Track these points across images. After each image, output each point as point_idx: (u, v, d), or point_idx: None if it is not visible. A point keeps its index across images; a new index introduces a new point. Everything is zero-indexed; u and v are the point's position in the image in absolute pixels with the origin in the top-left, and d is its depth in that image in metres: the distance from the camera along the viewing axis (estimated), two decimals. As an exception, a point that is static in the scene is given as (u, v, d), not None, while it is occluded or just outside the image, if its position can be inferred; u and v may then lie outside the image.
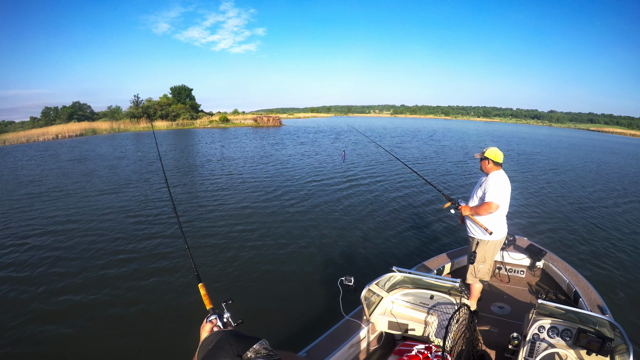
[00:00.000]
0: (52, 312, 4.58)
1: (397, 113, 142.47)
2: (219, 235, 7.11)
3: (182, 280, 5.30)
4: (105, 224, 7.78)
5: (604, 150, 30.46)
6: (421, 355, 2.33)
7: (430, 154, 20.44)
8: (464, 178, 13.29)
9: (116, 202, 9.57)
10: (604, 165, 19.54)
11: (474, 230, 3.52)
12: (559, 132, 68.73)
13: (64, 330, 4.22)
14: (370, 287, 2.78)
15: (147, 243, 6.70)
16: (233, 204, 9.32)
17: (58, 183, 12.35)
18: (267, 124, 47.21)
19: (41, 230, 7.52)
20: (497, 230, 3.44)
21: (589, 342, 2.36)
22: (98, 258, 6.10)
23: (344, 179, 12.49)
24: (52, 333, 4.16)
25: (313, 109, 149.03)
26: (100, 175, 13.54)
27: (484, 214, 3.35)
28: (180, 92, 56.47)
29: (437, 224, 7.93)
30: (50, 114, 56.27)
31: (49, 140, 32.40)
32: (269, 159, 17.41)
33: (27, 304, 4.75)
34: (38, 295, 4.97)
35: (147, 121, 45.94)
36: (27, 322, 4.37)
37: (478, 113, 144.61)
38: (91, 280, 5.36)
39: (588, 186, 12.86)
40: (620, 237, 7.46)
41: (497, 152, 3.44)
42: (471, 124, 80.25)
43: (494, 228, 3.40)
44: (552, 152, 25.28)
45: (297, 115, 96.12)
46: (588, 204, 10.15)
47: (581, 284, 3.65)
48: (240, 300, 4.77)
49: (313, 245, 6.64)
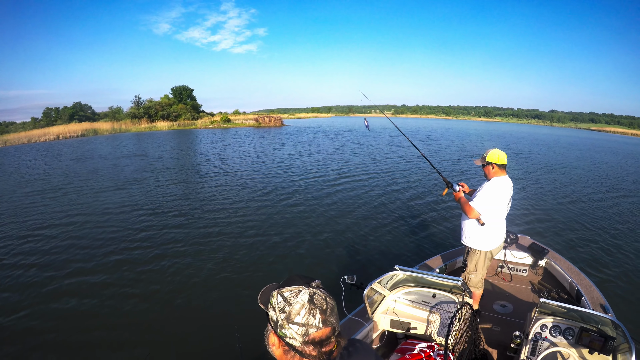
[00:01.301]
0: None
1: (398, 113, 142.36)
2: (222, 233, 7.19)
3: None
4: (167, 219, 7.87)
5: (602, 149, 30.39)
6: (423, 354, 2.33)
7: (427, 152, 20.49)
8: (459, 176, 13.33)
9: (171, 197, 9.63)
10: (603, 164, 19.54)
11: (465, 238, 3.38)
12: (559, 131, 68.77)
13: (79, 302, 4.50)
14: (373, 285, 2.78)
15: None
16: (236, 204, 9.41)
17: (87, 184, 12.39)
18: (268, 124, 47.24)
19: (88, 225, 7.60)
20: (490, 240, 3.26)
21: (591, 341, 2.36)
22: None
23: (345, 178, 12.57)
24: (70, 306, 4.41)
25: (314, 109, 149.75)
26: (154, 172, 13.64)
27: (465, 214, 3.21)
28: (182, 92, 56.62)
29: (440, 223, 7.95)
30: (52, 114, 56.43)
31: (50, 140, 32.54)
32: (277, 158, 17.60)
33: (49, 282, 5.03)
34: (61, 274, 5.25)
35: (148, 121, 46.06)
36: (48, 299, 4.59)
37: (479, 113, 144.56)
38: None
39: (589, 185, 12.88)
40: (623, 236, 7.47)
41: (500, 154, 3.17)
42: (471, 124, 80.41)
43: (487, 237, 3.24)
44: (549, 151, 25.33)
45: (298, 115, 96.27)
46: (589, 203, 10.14)
47: (584, 282, 3.64)
48: (244, 297, 4.87)
49: (315, 244, 6.66)
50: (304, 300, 0.95)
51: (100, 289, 5.13)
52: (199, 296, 4.94)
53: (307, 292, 0.97)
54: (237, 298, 4.88)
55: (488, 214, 3.15)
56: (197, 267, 5.76)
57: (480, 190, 3.20)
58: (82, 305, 4.73)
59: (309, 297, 0.96)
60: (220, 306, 4.71)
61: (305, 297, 0.96)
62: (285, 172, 13.72)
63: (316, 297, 0.97)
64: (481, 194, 3.15)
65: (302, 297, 0.96)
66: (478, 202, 3.13)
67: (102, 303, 4.79)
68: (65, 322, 4.41)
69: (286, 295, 0.97)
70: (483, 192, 3.15)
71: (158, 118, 48.04)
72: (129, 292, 5.06)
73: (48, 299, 4.92)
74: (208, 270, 5.66)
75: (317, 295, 0.97)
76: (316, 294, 0.98)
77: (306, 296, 0.96)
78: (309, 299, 0.96)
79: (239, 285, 5.20)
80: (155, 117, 48.00)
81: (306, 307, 0.95)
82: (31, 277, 5.52)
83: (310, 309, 0.95)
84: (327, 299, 0.99)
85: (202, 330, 4.21)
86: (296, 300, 0.96)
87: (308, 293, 0.97)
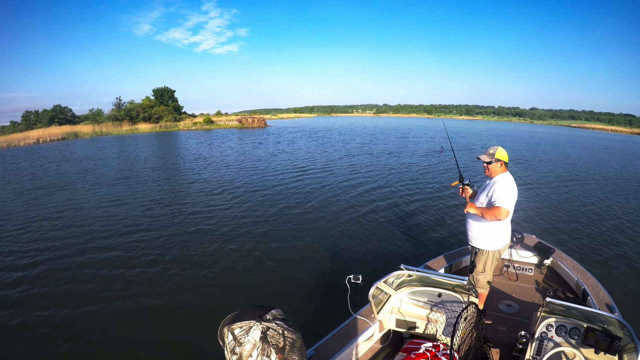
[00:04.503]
0: None
1: (380, 112, 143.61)
2: (225, 233, 7.38)
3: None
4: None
5: (575, 145, 30.92)
6: (429, 354, 2.32)
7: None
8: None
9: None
10: (575, 159, 20.24)
11: (474, 239, 3.35)
12: (539, 128, 68.54)
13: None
14: (378, 285, 2.77)
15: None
16: (240, 202, 9.68)
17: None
18: (252, 124, 47.08)
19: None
20: (499, 239, 3.25)
21: (597, 341, 2.32)
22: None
23: (348, 178, 12.74)
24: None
25: (296, 109, 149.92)
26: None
27: (490, 218, 3.09)
28: (163, 93, 56.50)
29: (446, 222, 8.00)
30: (31, 117, 55.68)
31: (31, 144, 32.09)
32: (269, 157, 18.13)
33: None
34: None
35: (129, 124, 46.14)
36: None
37: (460, 111, 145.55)
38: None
39: (589, 184, 12.86)
40: (629, 234, 7.53)
41: (505, 152, 3.22)
42: (453, 122, 79.72)
43: (496, 236, 3.23)
44: (554, 150, 25.54)
45: (280, 115, 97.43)
46: (591, 202, 10.23)
47: (590, 282, 3.58)
48: (248, 298, 4.96)
49: (321, 244, 6.75)
50: (255, 339, 0.85)
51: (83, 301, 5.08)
52: (200, 300, 4.92)
53: (259, 329, 0.86)
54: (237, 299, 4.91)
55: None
56: (205, 276, 5.63)
57: (496, 188, 3.12)
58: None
59: (261, 335, 0.86)
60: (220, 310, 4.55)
61: (257, 335, 0.85)
62: (278, 175, 13.67)
63: (270, 334, 0.86)
64: (501, 191, 3.07)
65: (253, 334, 0.85)
66: (505, 200, 3.04)
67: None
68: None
69: (236, 333, 0.86)
70: (503, 189, 3.08)
71: (140, 120, 48.14)
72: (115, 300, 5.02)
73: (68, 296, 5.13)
74: (219, 273, 5.68)
75: (271, 331, 0.87)
76: (270, 329, 0.87)
77: (258, 333, 0.86)
78: (262, 336, 0.85)
79: (242, 288, 5.25)
80: (136, 119, 48.11)
81: (258, 347, 0.84)
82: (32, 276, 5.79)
83: (264, 349, 0.84)
84: (286, 333, 0.88)
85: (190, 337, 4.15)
86: (246, 339, 0.85)
87: (260, 329, 0.86)
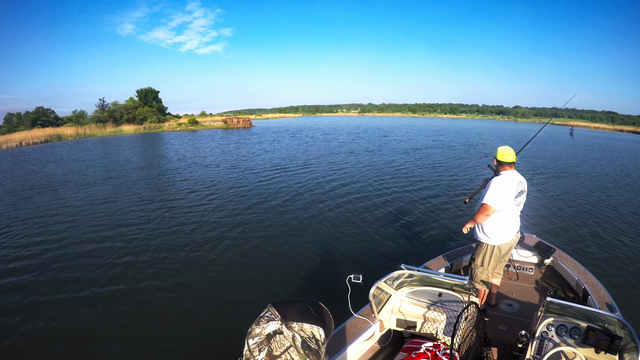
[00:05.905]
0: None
1: (365, 112, 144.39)
2: (227, 234, 7.40)
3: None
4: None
5: (559, 142, 30.59)
6: (429, 353, 2.33)
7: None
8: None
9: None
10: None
11: (477, 231, 3.46)
12: (522, 126, 69.07)
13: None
14: (379, 284, 2.77)
15: None
16: (242, 202, 9.78)
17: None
18: (237, 125, 46.99)
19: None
20: (497, 234, 3.30)
21: (598, 341, 2.32)
22: None
23: (347, 177, 12.83)
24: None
25: (281, 109, 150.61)
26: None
27: (482, 218, 3.24)
28: (147, 94, 56.45)
29: (446, 223, 8.01)
30: (13, 120, 55.53)
31: (13, 147, 31.78)
32: (268, 156, 18.32)
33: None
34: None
35: (113, 125, 46.28)
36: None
37: (445, 110, 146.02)
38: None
39: (590, 184, 12.93)
40: (630, 234, 7.57)
41: (504, 151, 3.33)
42: (437, 121, 79.77)
43: (494, 230, 3.29)
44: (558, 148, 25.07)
45: (266, 115, 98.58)
46: (591, 201, 10.26)
47: (590, 281, 3.59)
48: (249, 297, 5.01)
49: (321, 244, 6.79)
50: (264, 331, 0.86)
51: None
52: (202, 303, 4.93)
53: (274, 327, 0.86)
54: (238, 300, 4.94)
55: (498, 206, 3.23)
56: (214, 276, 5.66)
57: (487, 188, 3.31)
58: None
59: (271, 332, 0.85)
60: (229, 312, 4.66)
61: (268, 329, 0.85)
62: (276, 174, 13.74)
63: (277, 338, 0.84)
64: (489, 188, 3.27)
65: (268, 326, 0.86)
66: (489, 196, 3.22)
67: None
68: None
69: (262, 314, 0.90)
70: (491, 186, 3.27)
71: (123, 122, 48.36)
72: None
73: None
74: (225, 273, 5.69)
75: (279, 337, 0.85)
76: (281, 334, 0.85)
77: (270, 329, 0.85)
78: (269, 333, 0.85)
79: (242, 289, 5.26)
80: (120, 121, 48.35)
81: (261, 338, 0.85)
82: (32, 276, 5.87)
83: (262, 343, 0.84)
84: (290, 350, 0.84)
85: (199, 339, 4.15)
86: (262, 325, 0.87)
87: (274, 328, 0.86)
